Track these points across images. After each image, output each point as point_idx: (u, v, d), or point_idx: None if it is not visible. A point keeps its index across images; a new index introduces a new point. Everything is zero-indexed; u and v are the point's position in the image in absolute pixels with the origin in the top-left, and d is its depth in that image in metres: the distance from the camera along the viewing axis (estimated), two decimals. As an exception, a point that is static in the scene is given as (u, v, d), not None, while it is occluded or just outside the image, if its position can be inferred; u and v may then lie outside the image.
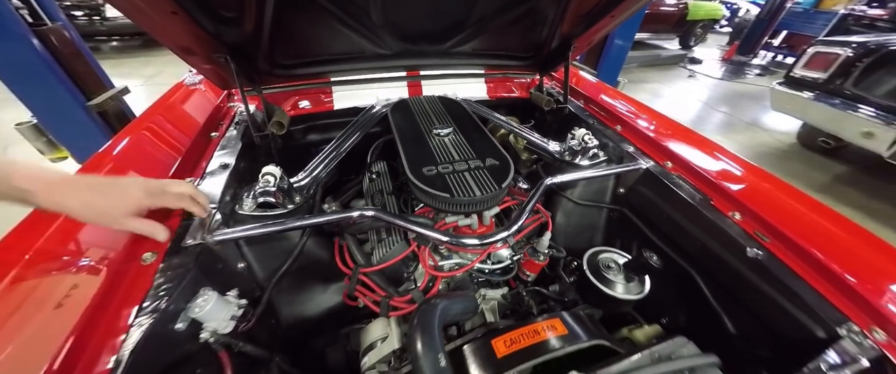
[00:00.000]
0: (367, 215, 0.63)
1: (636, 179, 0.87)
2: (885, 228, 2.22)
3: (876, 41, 2.17)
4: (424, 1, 0.80)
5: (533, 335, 0.49)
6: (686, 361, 0.43)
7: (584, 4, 0.87)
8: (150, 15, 0.58)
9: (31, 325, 0.40)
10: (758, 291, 0.61)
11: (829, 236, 0.64)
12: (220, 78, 0.85)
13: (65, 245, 0.51)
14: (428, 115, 0.90)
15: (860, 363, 0.48)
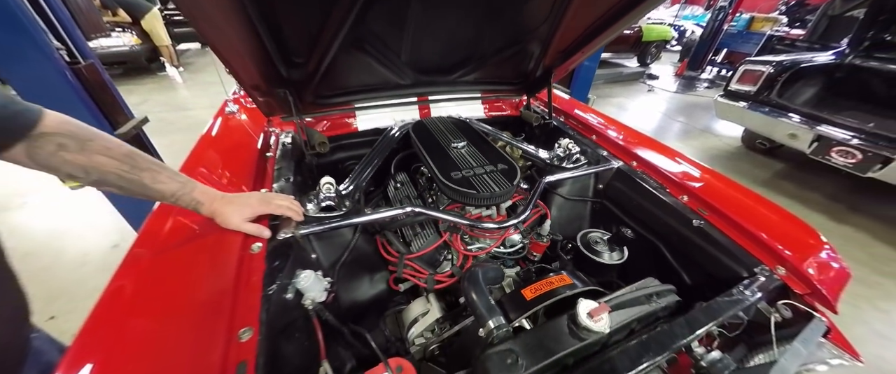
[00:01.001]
0: (415, 211, 0.82)
1: (611, 177, 1.11)
2: (815, 213, 2.61)
3: (790, 60, 2.64)
4: (440, 44, 1.02)
5: (548, 284, 0.69)
6: (652, 288, 0.64)
7: (561, 43, 1.13)
8: (243, 60, 0.75)
9: (207, 284, 0.56)
10: (702, 249, 0.84)
11: (747, 208, 0.89)
12: (270, 108, 1.02)
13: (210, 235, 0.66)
14: (444, 132, 1.11)
15: (768, 288, 0.71)
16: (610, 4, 0.90)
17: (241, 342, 0.51)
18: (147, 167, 0.59)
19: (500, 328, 0.58)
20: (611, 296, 0.63)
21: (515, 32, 1.02)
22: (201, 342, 0.50)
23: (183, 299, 0.55)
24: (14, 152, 0.49)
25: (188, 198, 0.63)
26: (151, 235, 0.67)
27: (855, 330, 1.72)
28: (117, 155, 0.56)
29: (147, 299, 0.56)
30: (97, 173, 0.55)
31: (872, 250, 2.28)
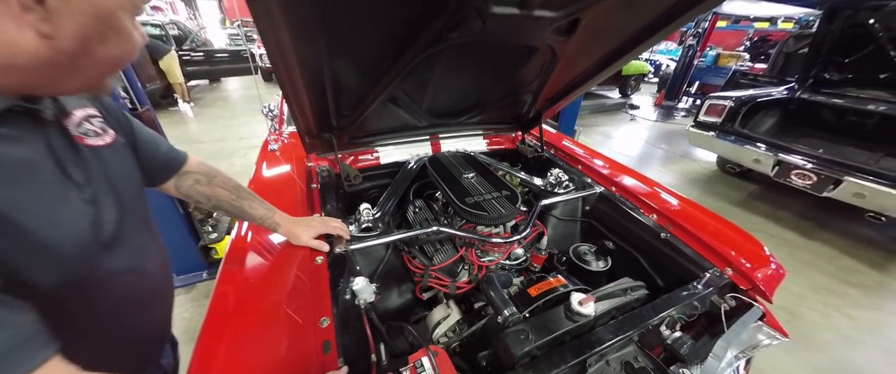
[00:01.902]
0: (439, 230, 1.01)
1: (595, 200, 1.33)
2: (787, 229, 2.86)
3: (747, 95, 3.01)
4: (453, 95, 1.28)
5: (548, 284, 0.88)
6: (627, 284, 0.84)
7: (548, 93, 1.40)
8: (308, 112, 0.98)
9: (290, 286, 0.74)
10: (668, 256, 1.04)
11: (704, 223, 1.11)
12: (313, 147, 1.24)
13: (285, 250, 0.85)
14: (455, 165, 1.33)
15: (718, 284, 0.91)
16: (583, 68, 1.17)
17: (322, 328, 0.69)
18: (246, 197, 0.80)
19: (513, 315, 0.76)
20: (596, 291, 0.82)
21: (512, 86, 1.28)
22: (296, 327, 0.67)
23: (275, 297, 0.73)
24: (167, 185, 0.70)
25: (271, 221, 0.83)
26: (237, 251, 0.86)
27: (826, 335, 1.89)
28: (229, 187, 0.77)
29: (248, 298, 0.74)
30: (216, 201, 0.75)
31: (840, 263, 2.51)
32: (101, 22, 0.37)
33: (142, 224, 0.58)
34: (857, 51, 2.75)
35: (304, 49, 0.67)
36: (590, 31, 0.93)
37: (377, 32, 0.76)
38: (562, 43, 0.96)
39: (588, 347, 0.67)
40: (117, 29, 0.39)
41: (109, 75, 0.45)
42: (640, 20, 0.92)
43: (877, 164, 2.64)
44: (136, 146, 0.61)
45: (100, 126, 0.52)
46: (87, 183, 0.46)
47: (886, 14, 2.46)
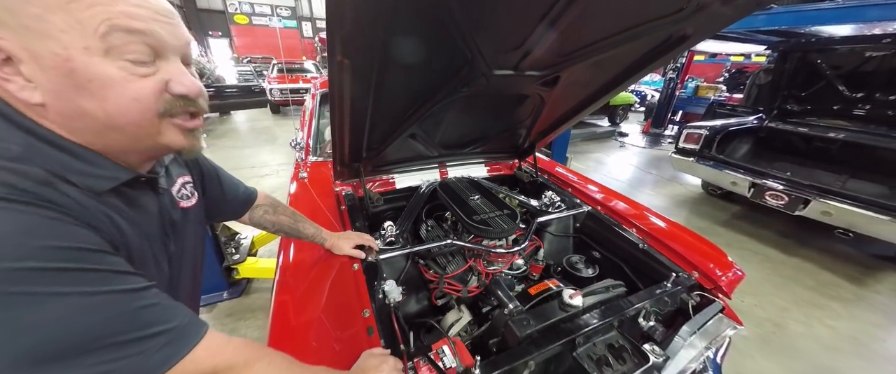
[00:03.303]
0: (453, 243, 1.21)
1: (584, 218, 1.54)
2: (769, 247, 3.05)
3: (720, 124, 3.34)
4: (460, 131, 1.52)
5: (545, 285, 1.06)
6: (609, 283, 1.02)
7: (540, 127, 1.65)
8: (346, 144, 1.20)
9: (337, 287, 0.92)
10: (646, 263, 1.23)
11: (675, 236, 1.31)
12: (342, 175, 1.46)
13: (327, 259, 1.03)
14: (462, 189, 1.54)
15: (686, 284, 1.09)
16: (566, 109, 1.43)
17: (365, 317, 0.86)
18: (300, 220, 1.00)
19: (517, 308, 0.94)
20: (583, 289, 1.00)
21: (510, 124, 1.54)
22: (345, 317, 0.85)
23: (326, 295, 0.91)
24: (244, 216, 0.90)
25: (319, 237, 1.03)
26: (288, 262, 1.04)
27: (808, 344, 2.03)
28: (288, 214, 0.97)
29: (305, 296, 0.92)
30: (279, 226, 0.95)
31: (820, 278, 2.68)
32: (71, 77, 0.38)
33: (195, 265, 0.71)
34: (811, 86, 3.11)
35: (357, 95, 0.90)
36: (569, 83, 1.19)
37: (410, 86, 1.00)
38: (547, 92, 1.22)
39: (577, 329, 0.85)
40: (100, 79, 0.39)
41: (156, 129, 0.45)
42: (606, 75, 1.18)
43: (843, 185, 2.90)
44: (220, 191, 0.78)
45: (190, 190, 0.66)
46: (175, 240, 0.59)
47: (831, 55, 2.83)
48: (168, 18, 0.44)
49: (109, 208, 0.46)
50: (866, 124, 2.95)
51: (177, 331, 0.43)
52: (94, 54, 0.38)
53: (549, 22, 0.80)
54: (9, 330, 0.33)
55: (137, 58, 0.41)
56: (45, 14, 0.36)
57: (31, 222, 0.36)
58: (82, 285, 0.37)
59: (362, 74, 0.81)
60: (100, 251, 0.40)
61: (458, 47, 0.86)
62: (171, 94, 0.45)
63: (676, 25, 0.91)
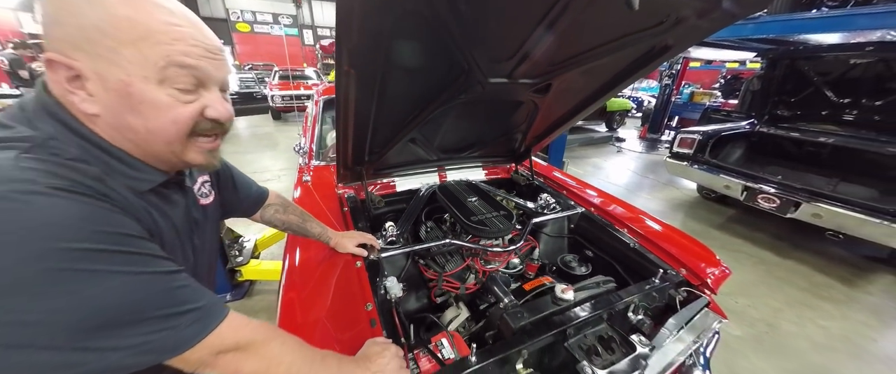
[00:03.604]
0: (451, 242, 1.26)
1: (577, 219, 1.59)
2: (763, 250, 3.10)
3: (712, 129, 3.41)
4: (459, 136, 1.58)
5: (539, 281, 1.11)
6: (599, 279, 1.08)
7: (535, 132, 1.71)
8: (350, 147, 1.26)
9: (342, 282, 0.97)
10: (636, 262, 1.28)
11: (665, 236, 1.36)
12: (345, 178, 1.52)
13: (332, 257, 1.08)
14: (460, 191, 1.60)
15: (674, 281, 1.15)
16: (559, 114, 1.50)
17: (368, 310, 0.91)
18: (308, 219, 1.05)
19: (512, 302, 0.99)
20: (575, 285, 1.06)
21: (506, 129, 1.60)
22: (350, 310, 0.90)
23: (332, 289, 0.96)
24: (255, 215, 0.95)
25: (325, 236, 1.08)
26: (295, 259, 1.10)
27: (800, 343, 2.07)
28: (297, 213, 1.03)
29: (311, 291, 0.97)
30: (288, 224, 1.01)
31: (813, 280, 2.72)
32: (125, 97, 0.44)
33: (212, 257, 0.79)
34: (800, 92, 3.19)
35: (361, 102, 0.96)
36: (560, 90, 1.26)
37: (411, 93, 1.07)
38: (541, 98, 1.29)
39: (568, 321, 0.90)
40: (149, 101, 0.45)
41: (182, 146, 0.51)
42: (596, 82, 1.25)
43: (834, 189, 2.96)
44: (234, 190, 0.84)
45: (208, 189, 0.72)
46: (196, 233, 0.65)
47: (818, 63, 2.92)
48: (215, 55, 0.50)
49: (147, 204, 0.53)
50: (855, 129, 3.03)
51: (204, 310, 0.49)
52: (150, 83, 0.45)
53: (538, 35, 0.87)
54: (72, 301, 0.38)
55: (184, 87, 0.48)
56: (118, 47, 0.43)
57: (89, 211, 0.42)
58: (129, 266, 0.43)
59: (366, 83, 0.87)
60: (141, 238, 0.46)
61: (455, 58, 0.93)
62: (205, 117, 0.51)
63: (658, 37, 0.98)
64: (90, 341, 0.40)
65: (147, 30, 0.44)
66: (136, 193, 0.51)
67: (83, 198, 0.42)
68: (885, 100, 2.82)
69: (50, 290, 0.38)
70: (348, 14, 0.63)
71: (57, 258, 0.38)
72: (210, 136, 0.54)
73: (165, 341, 0.45)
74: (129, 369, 0.43)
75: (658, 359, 0.98)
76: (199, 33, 0.49)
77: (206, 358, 0.49)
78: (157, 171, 0.54)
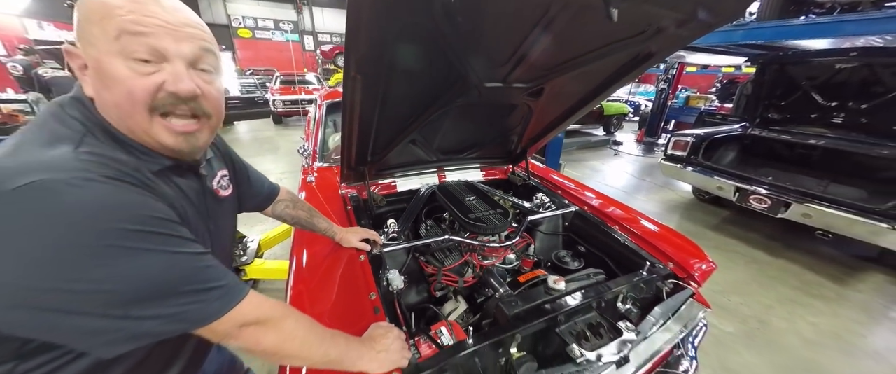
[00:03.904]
0: (450, 238, 1.32)
1: (571, 217, 1.66)
2: (756, 249, 3.16)
3: (705, 132, 3.49)
4: (457, 137, 1.66)
5: (533, 274, 1.18)
6: (590, 271, 1.14)
7: (530, 134, 1.79)
8: (354, 149, 1.33)
9: (347, 274, 1.03)
10: (627, 256, 1.35)
11: (653, 232, 1.43)
12: (348, 178, 1.58)
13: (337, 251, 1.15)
14: (459, 191, 1.67)
15: (662, 273, 1.21)
16: (553, 117, 1.57)
17: (372, 299, 0.97)
18: (315, 215, 1.12)
19: (508, 292, 1.05)
20: (567, 276, 1.12)
21: (502, 131, 1.68)
22: (355, 298, 0.96)
23: (338, 279, 1.02)
24: (267, 209, 1.02)
25: (331, 231, 1.15)
26: (302, 252, 1.16)
27: (790, 339, 2.12)
28: (305, 208, 1.09)
29: (319, 282, 1.03)
30: (297, 219, 1.07)
31: (804, 278, 2.78)
32: (98, 72, 0.49)
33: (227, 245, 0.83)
34: (789, 96, 3.28)
35: (367, 104, 1.03)
36: (553, 94, 1.34)
37: (412, 96, 1.14)
38: (535, 102, 1.36)
39: (559, 309, 0.96)
40: (109, 73, 0.48)
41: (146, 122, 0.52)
42: (586, 86, 1.33)
43: (824, 189, 3.03)
44: (249, 185, 0.92)
45: (227, 182, 0.78)
46: (212, 219, 0.70)
47: (805, 67, 3.01)
48: (176, 28, 0.51)
49: (174, 191, 0.59)
50: (843, 131, 3.11)
51: (227, 287, 0.55)
52: (112, 56, 0.48)
53: (529, 43, 0.95)
54: (119, 274, 0.45)
55: (142, 57, 0.49)
56: (92, 28, 0.48)
57: (134, 197, 0.48)
58: (166, 246, 0.49)
59: (372, 87, 0.95)
60: (175, 222, 0.53)
61: (452, 64, 1.00)
62: (166, 91, 0.51)
63: (642, 45, 1.06)
64: (131, 309, 0.46)
65: (108, 7, 0.47)
66: (160, 177, 0.57)
67: (129, 186, 0.48)
68: (870, 103, 2.91)
69: (102, 264, 0.44)
70: (357, 25, 0.70)
71: (111, 237, 0.44)
72: (180, 115, 0.54)
73: (194, 313, 0.51)
74: (161, 335, 0.50)
75: (646, 347, 1.05)
76: (159, 9, 0.50)
77: (230, 330, 0.55)
78: (160, 155, 0.57)
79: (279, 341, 0.60)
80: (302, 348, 0.63)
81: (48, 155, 0.46)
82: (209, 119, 0.59)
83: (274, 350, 0.60)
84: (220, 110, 0.61)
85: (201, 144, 0.61)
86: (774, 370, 1.89)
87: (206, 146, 0.67)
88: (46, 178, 0.42)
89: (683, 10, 0.89)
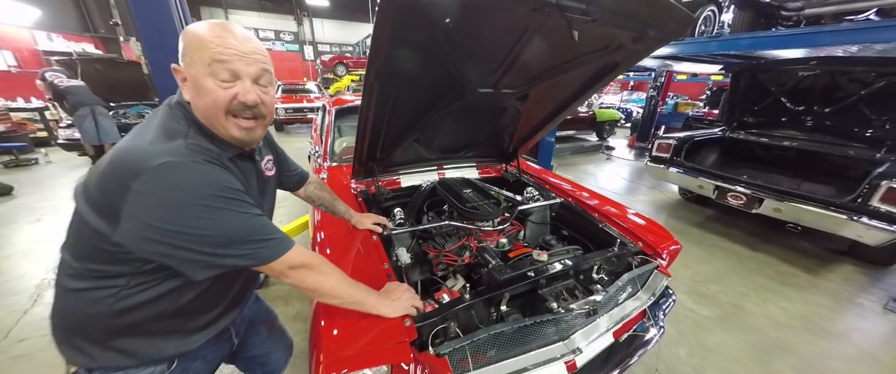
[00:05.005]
0: (450, 224, 1.52)
1: (558, 207, 1.86)
2: (736, 244, 3.37)
3: (686, 135, 3.73)
4: (454, 138, 1.87)
5: (521, 251, 1.37)
6: (569, 247, 1.34)
7: (521, 132, 2.00)
8: (366, 146, 1.53)
9: (363, 250, 1.23)
10: (603, 238, 1.54)
11: (629, 220, 1.63)
12: (358, 174, 1.78)
13: (353, 232, 1.34)
14: (457, 185, 1.87)
15: (632, 250, 1.41)
16: (539, 119, 1.79)
17: (385, 268, 1.16)
18: (336, 199, 1.32)
19: (498, 263, 1.25)
20: (549, 251, 1.32)
21: (495, 130, 1.89)
22: (370, 267, 1.15)
23: (355, 252, 1.21)
24: (299, 191, 1.22)
25: (348, 214, 1.34)
26: (322, 231, 1.35)
27: (762, 321, 2.31)
28: (328, 192, 1.29)
29: (339, 254, 1.22)
30: (321, 200, 1.27)
31: (779, 269, 2.99)
32: (195, 85, 0.69)
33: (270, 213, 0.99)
34: (761, 101, 3.54)
35: (380, 107, 1.24)
36: (538, 99, 1.55)
37: (416, 101, 1.36)
38: (522, 105, 1.58)
39: (541, 273, 1.16)
40: (203, 87, 0.68)
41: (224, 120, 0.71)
42: (565, 92, 1.55)
43: (797, 187, 3.26)
44: (281, 168, 1.12)
45: (271, 165, 0.98)
46: (260, 193, 0.91)
47: (774, 75, 3.27)
48: (244, 56, 0.69)
49: (240, 171, 0.80)
50: (812, 133, 3.36)
51: (281, 240, 0.76)
52: (205, 76, 0.68)
53: (513, 56, 1.17)
54: (213, 225, 0.65)
55: (224, 78, 0.68)
56: (193, 55, 0.68)
57: (223, 175, 0.70)
58: (242, 209, 0.70)
59: (385, 92, 1.16)
60: (244, 192, 0.73)
61: (450, 72, 1.22)
62: (237, 100, 0.71)
63: (607, 57, 1.28)
64: (218, 249, 0.67)
65: (203, 42, 0.67)
66: (231, 161, 0.78)
67: (217, 167, 0.70)
68: (832, 107, 3.16)
69: (205, 216, 0.65)
70: (378, 44, 0.91)
71: (209, 200, 0.65)
72: (245, 117, 0.73)
73: (260, 255, 0.72)
74: (237, 267, 0.71)
75: (618, 312, 1.25)
76: (235, 41, 0.68)
77: (283, 270, 0.76)
78: (231, 145, 0.78)
79: (318, 281, 0.80)
80: (334, 288, 0.83)
81: (170, 145, 0.67)
82: (264, 119, 0.79)
83: (314, 287, 0.81)
84: (272, 113, 0.82)
85: (257, 137, 0.82)
86: (745, 348, 2.07)
87: (260, 139, 0.88)
88: (172, 160, 0.63)
89: (635, 29, 1.12)
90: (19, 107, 7.16)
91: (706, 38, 3.39)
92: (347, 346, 0.84)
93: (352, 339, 0.86)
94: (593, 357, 1.17)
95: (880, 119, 2.94)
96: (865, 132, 3.05)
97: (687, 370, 1.89)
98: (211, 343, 0.88)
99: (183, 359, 0.83)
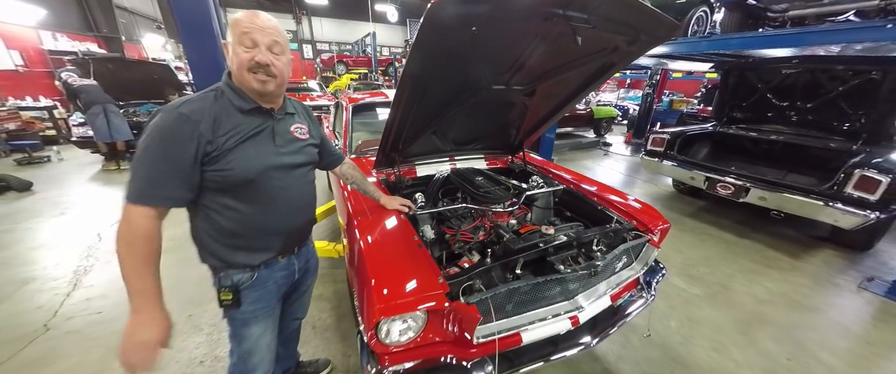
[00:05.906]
0: (466, 206, 1.72)
1: (561, 193, 2.06)
2: (726, 232, 3.59)
3: (678, 130, 3.95)
4: (466, 131, 2.06)
5: (530, 228, 1.57)
6: (572, 224, 1.54)
7: (527, 125, 2.19)
8: (392, 138, 1.72)
9: (396, 228, 1.42)
10: (602, 218, 1.74)
11: (625, 202, 1.83)
12: (381, 163, 1.97)
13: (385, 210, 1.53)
14: (469, 173, 2.06)
15: (626, 227, 1.61)
16: (544, 113, 1.98)
17: (416, 240, 1.36)
18: (364, 178, 1.51)
19: (513, 237, 1.45)
20: (557, 226, 1.52)
21: (504, 124, 2.08)
22: (406, 236, 1.34)
23: (392, 228, 1.40)
24: (336, 169, 1.41)
25: (376, 194, 1.53)
26: (358, 213, 1.54)
27: (745, 298, 2.53)
28: (360, 172, 1.49)
29: (379, 227, 1.41)
30: (353, 179, 1.46)
31: (765, 254, 3.21)
32: (232, 51, 0.92)
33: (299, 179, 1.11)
34: (749, 97, 3.75)
35: (411, 102, 1.43)
36: (543, 95, 1.75)
37: (439, 96, 1.54)
38: (529, 101, 1.78)
39: (548, 242, 1.36)
40: (235, 52, 0.91)
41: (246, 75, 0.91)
42: (567, 89, 1.74)
43: (783, 178, 3.48)
44: (323, 147, 1.31)
45: (303, 132, 1.11)
46: (280, 146, 1.03)
47: (760, 72, 3.48)
48: (262, 29, 0.90)
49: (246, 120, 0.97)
50: (797, 128, 3.58)
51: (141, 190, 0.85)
52: (237, 44, 0.90)
53: (524, 57, 1.36)
54: (140, 154, 0.84)
55: (247, 46, 0.90)
56: (232, 31, 0.90)
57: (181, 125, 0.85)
58: (161, 152, 0.84)
59: (416, 90, 1.35)
60: (185, 143, 0.85)
61: (469, 72, 1.41)
62: (255, 61, 0.90)
63: (604, 58, 1.48)
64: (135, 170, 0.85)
65: (238, 21, 0.90)
66: (242, 111, 0.97)
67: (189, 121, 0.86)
68: (814, 103, 3.38)
69: (144, 143, 0.85)
70: (419, 47, 1.10)
71: (153, 133, 0.84)
72: (260, 74, 0.92)
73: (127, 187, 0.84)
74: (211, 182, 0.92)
75: (614, 279, 1.45)
76: (258, 20, 0.90)
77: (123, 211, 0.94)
78: (251, 99, 0.97)
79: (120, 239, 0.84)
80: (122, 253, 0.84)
81: (189, 98, 0.92)
82: (275, 78, 0.96)
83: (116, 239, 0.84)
84: (283, 73, 0.97)
85: (271, 90, 0.96)
86: (729, 320, 2.29)
87: (276, 96, 1.02)
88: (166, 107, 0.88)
89: (629, 34, 1.31)
90: (28, 106, 7.27)
91: (698, 37, 3.60)
92: (395, 298, 1.03)
93: (397, 294, 1.06)
94: (594, 316, 1.37)
95: (856, 113, 3.16)
96: (843, 126, 3.27)
97: (677, 339, 2.10)
98: (277, 270, 1.13)
99: (259, 273, 1.07)
